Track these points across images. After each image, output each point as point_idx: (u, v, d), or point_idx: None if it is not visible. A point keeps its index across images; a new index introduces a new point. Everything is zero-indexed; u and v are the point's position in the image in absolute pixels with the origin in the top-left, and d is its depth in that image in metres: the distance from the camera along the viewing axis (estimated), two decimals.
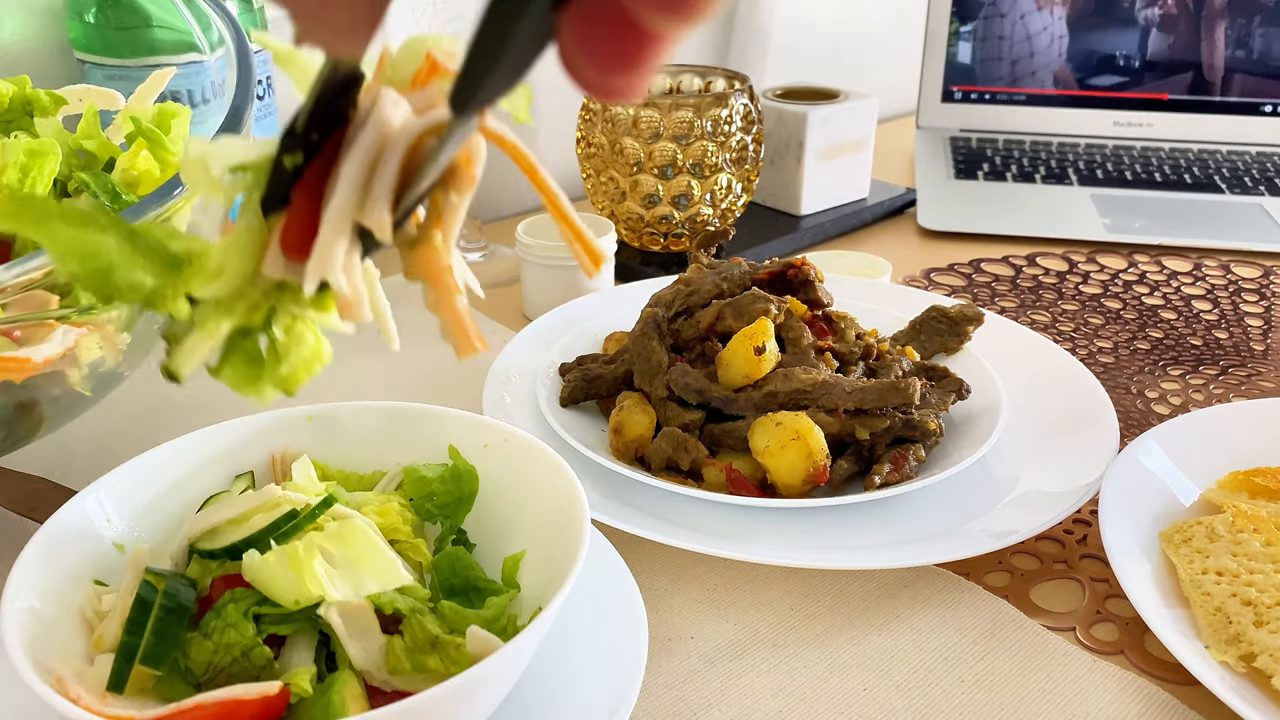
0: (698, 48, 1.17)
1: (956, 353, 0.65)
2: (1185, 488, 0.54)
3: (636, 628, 0.43)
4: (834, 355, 0.60)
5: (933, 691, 0.45)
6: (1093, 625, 0.49)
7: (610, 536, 0.50)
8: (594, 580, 0.46)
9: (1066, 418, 0.60)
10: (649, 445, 0.57)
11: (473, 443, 0.46)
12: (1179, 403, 0.68)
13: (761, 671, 0.46)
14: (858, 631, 0.48)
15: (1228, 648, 0.43)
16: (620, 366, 0.61)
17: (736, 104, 0.82)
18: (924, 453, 0.56)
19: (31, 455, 0.60)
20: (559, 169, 1.09)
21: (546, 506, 0.43)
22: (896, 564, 0.49)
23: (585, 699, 0.40)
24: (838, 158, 0.97)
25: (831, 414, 0.54)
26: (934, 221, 0.97)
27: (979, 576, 0.52)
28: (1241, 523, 0.49)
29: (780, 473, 0.53)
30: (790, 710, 0.44)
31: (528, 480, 0.45)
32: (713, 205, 0.84)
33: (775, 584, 0.51)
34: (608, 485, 0.55)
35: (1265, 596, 0.45)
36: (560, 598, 0.36)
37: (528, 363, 0.65)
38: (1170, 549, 0.49)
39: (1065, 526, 0.56)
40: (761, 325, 0.57)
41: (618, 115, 0.81)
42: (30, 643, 0.35)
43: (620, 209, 0.85)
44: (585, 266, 0.31)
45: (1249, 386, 0.70)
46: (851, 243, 0.96)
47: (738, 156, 0.83)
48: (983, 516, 0.53)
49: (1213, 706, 0.43)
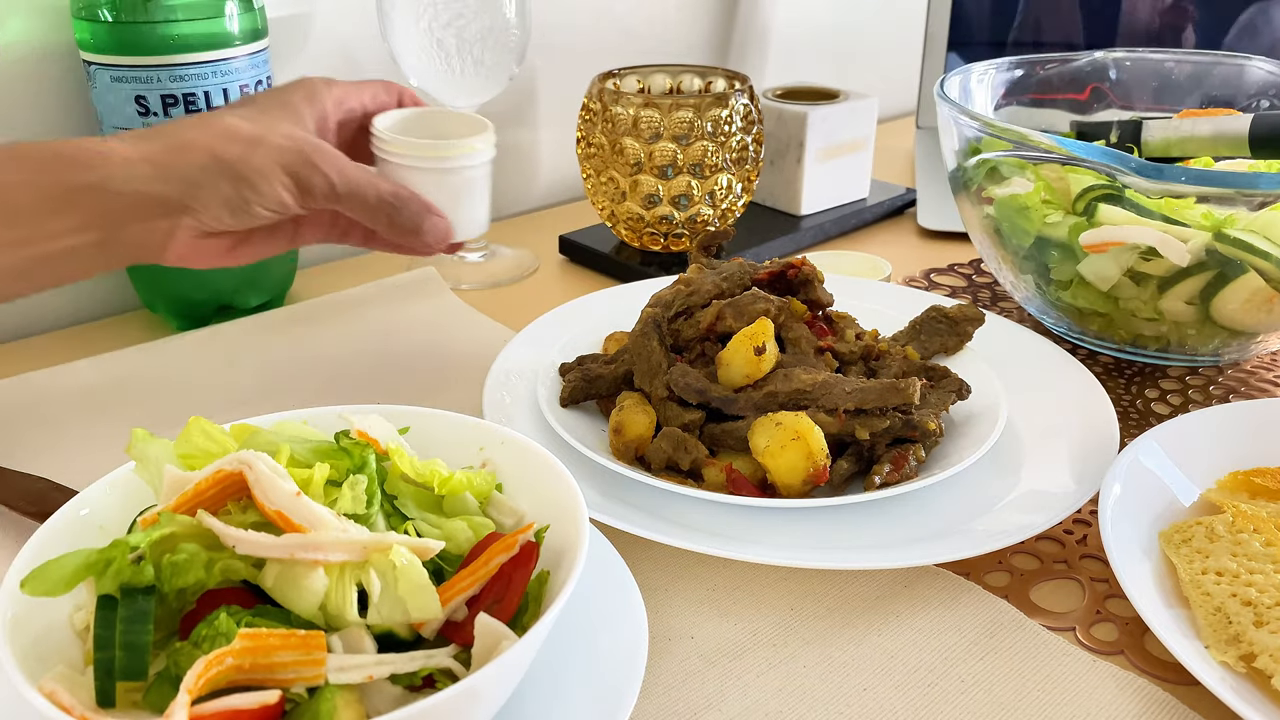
0: (698, 48, 1.17)
1: (956, 353, 0.65)
2: (1185, 488, 0.54)
3: (636, 627, 0.43)
4: (834, 355, 0.60)
5: (933, 691, 0.45)
6: (1093, 625, 0.49)
7: (610, 536, 0.50)
8: (594, 580, 0.46)
9: (1066, 418, 0.60)
10: (649, 445, 0.57)
11: (470, 445, 0.46)
12: (1179, 403, 0.68)
13: (761, 671, 0.46)
14: (858, 631, 0.48)
15: (1228, 648, 0.43)
16: (620, 366, 0.61)
17: (737, 104, 0.82)
18: (924, 453, 0.56)
19: (32, 455, 0.61)
20: (559, 169, 1.09)
21: (545, 510, 0.43)
22: (896, 564, 0.49)
23: (585, 699, 0.40)
24: (838, 158, 0.97)
25: (831, 414, 0.55)
26: (934, 221, 0.97)
27: (979, 576, 0.52)
28: (1242, 523, 0.49)
29: (780, 473, 0.53)
30: (790, 710, 0.44)
31: (526, 484, 0.45)
32: (713, 205, 0.84)
33: (775, 584, 0.51)
34: (608, 485, 0.55)
35: (1265, 597, 0.45)
36: (561, 601, 0.36)
37: (528, 363, 0.65)
38: (1170, 549, 0.49)
39: (1065, 526, 0.56)
40: (762, 325, 0.57)
41: (618, 115, 0.81)
42: (23, 650, 0.35)
43: (620, 209, 0.85)
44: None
45: (1249, 387, 0.70)
46: (852, 243, 0.96)
47: (738, 156, 0.83)
48: (983, 516, 0.53)
49: (1212, 707, 0.43)
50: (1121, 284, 0.65)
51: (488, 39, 0.78)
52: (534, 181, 1.08)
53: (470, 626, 0.37)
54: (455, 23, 0.77)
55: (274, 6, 0.84)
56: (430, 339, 0.76)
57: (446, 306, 0.81)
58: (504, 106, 1.02)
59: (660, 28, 1.12)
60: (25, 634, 0.36)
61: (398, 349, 0.74)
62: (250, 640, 0.34)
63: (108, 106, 0.71)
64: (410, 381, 0.70)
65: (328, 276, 0.88)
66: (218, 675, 0.33)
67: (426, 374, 0.71)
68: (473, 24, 0.77)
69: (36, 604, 0.37)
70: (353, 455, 0.42)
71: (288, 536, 0.36)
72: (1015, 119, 0.85)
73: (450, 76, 0.79)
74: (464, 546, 0.41)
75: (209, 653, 0.34)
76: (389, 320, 0.78)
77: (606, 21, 1.07)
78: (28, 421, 0.64)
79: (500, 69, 0.80)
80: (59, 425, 0.64)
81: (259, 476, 0.37)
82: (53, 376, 0.68)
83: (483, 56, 0.79)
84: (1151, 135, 0.77)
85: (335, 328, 0.77)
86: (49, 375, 0.68)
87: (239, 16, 0.71)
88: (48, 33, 0.75)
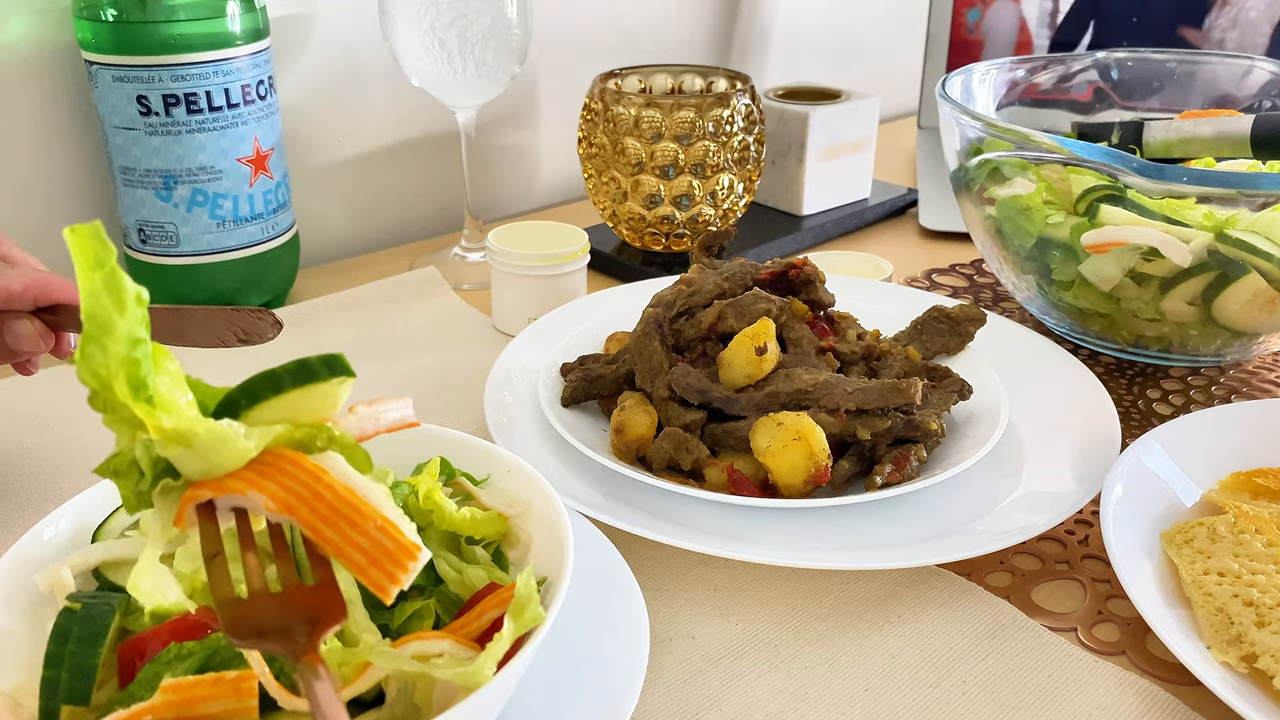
0: (699, 48, 1.17)
1: (958, 353, 0.65)
2: (1187, 488, 0.54)
3: (637, 627, 0.43)
4: (835, 355, 0.60)
5: (934, 692, 0.45)
6: (1094, 626, 0.49)
7: (611, 536, 0.50)
8: (595, 580, 0.46)
9: (1068, 418, 0.60)
10: (650, 445, 0.57)
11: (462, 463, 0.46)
12: (1181, 403, 0.68)
13: (763, 672, 0.46)
14: (859, 632, 0.48)
15: (1229, 648, 0.43)
16: (622, 367, 0.61)
17: (738, 104, 0.82)
18: (925, 453, 0.56)
19: (34, 453, 0.61)
20: (560, 170, 1.09)
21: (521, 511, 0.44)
22: (898, 564, 0.49)
23: (586, 699, 0.40)
24: (839, 158, 0.97)
25: (833, 414, 0.54)
26: (936, 222, 0.97)
27: (980, 577, 0.52)
28: (1243, 523, 0.49)
29: (782, 473, 0.53)
30: (791, 710, 0.44)
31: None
32: (714, 205, 0.84)
33: (777, 584, 0.51)
34: (609, 485, 0.55)
35: (1267, 597, 0.45)
36: (545, 627, 0.36)
37: (529, 363, 0.65)
38: (1172, 550, 0.49)
39: (1067, 527, 0.56)
40: (763, 325, 0.57)
41: (620, 115, 0.81)
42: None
43: (622, 209, 0.85)
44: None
45: (1251, 387, 0.70)
46: (853, 243, 0.96)
47: (739, 156, 0.83)
48: (984, 517, 0.53)
49: (1214, 707, 0.43)
50: (1123, 284, 0.65)
51: (489, 39, 0.78)
52: (535, 181, 1.08)
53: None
54: (457, 23, 0.77)
55: (275, 6, 0.84)
56: (431, 339, 0.76)
57: (448, 306, 0.81)
58: (505, 106, 1.02)
59: (661, 28, 1.12)
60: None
61: (399, 349, 0.74)
62: (173, 694, 0.33)
63: (109, 106, 0.71)
64: (411, 381, 0.70)
65: (329, 276, 0.88)
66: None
67: (427, 374, 0.71)
68: (474, 24, 0.77)
69: (18, 614, 0.37)
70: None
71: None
72: (1017, 119, 0.85)
73: (452, 76, 0.79)
74: (469, 592, 0.41)
75: (128, 706, 0.33)
76: (390, 320, 0.79)
77: (608, 21, 1.07)
78: (29, 421, 0.64)
79: (502, 69, 0.80)
80: (60, 424, 0.64)
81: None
82: (54, 375, 0.68)
83: (484, 56, 0.79)
84: (1153, 136, 0.77)
85: (336, 328, 0.77)
86: (50, 375, 0.69)
87: (240, 16, 0.71)
88: (49, 32, 0.75)
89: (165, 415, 0.31)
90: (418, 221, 1.00)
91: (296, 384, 0.34)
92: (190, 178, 0.73)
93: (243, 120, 0.73)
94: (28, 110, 0.76)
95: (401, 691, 0.36)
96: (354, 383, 0.35)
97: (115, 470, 0.34)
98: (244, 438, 0.33)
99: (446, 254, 0.90)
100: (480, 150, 1.00)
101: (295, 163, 0.90)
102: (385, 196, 0.98)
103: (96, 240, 0.29)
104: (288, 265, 0.81)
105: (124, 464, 0.34)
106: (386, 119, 0.95)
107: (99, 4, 0.68)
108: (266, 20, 0.74)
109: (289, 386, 0.34)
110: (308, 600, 0.33)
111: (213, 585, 0.33)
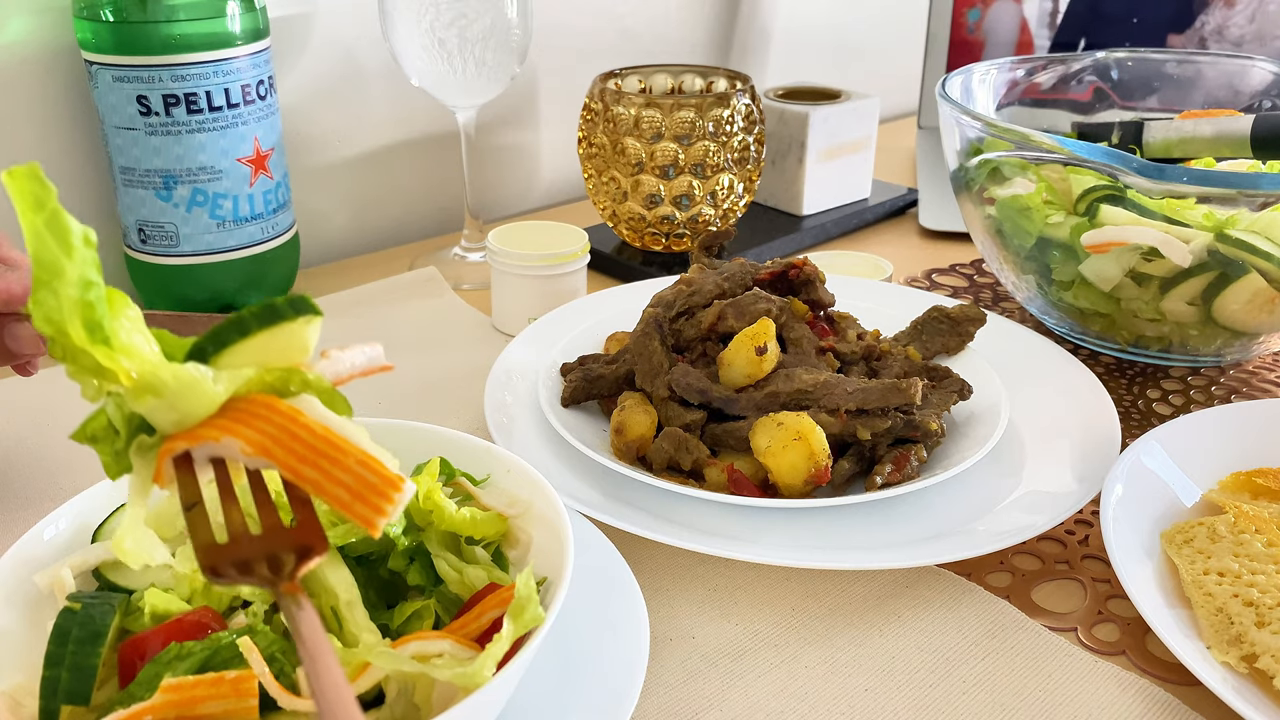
0: (699, 48, 1.17)
1: (958, 353, 0.65)
2: (1187, 488, 0.54)
3: (637, 627, 0.43)
4: (835, 355, 0.60)
5: (934, 692, 0.45)
6: (1094, 626, 0.49)
7: (611, 536, 0.50)
8: (595, 580, 0.46)
9: (1068, 418, 0.60)
10: (650, 445, 0.57)
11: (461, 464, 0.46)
12: (1181, 403, 0.68)
13: (763, 672, 0.46)
14: (859, 632, 0.48)
15: (1229, 648, 0.43)
16: (622, 367, 0.61)
17: (738, 104, 0.82)
18: (925, 453, 0.56)
19: (34, 454, 0.61)
20: (560, 169, 1.09)
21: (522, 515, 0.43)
22: (898, 564, 0.49)
23: (586, 698, 0.40)
24: (839, 158, 0.97)
25: (833, 414, 0.54)
26: (936, 222, 0.97)
27: (980, 577, 0.52)
28: (1243, 523, 0.49)
29: (782, 473, 0.53)
30: (791, 710, 0.44)
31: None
32: (714, 205, 0.84)
33: (777, 584, 0.51)
34: (609, 485, 0.55)
35: (1267, 597, 0.45)
36: (545, 627, 0.36)
37: (529, 363, 0.65)
38: (1172, 549, 0.49)
39: (1067, 527, 0.56)
40: (763, 325, 0.57)
41: (620, 115, 0.81)
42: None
43: (622, 209, 0.85)
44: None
45: (1251, 387, 0.70)
46: (853, 243, 0.96)
47: (739, 156, 0.83)
48: (984, 517, 0.53)
49: (1214, 707, 0.43)
50: (1123, 284, 0.65)
51: (489, 39, 0.78)
52: (535, 181, 1.08)
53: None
54: (457, 23, 0.77)
55: (275, 6, 0.84)
56: (431, 339, 0.76)
57: (448, 306, 0.81)
58: (505, 106, 1.02)
59: (661, 28, 1.12)
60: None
61: (399, 349, 0.74)
62: (174, 694, 0.32)
63: (109, 106, 0.71)
64: (411, 381, 0.70)
65: (329, 276, 0.88)
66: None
67: (427, 374, 0.71)
68: (474, 24, 0.77)
69: (19, 613, 0.37)
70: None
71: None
72: (1017, 119, 0.85)
73: (452, 76, 0.79)
74: (469, 593, 0.41)
75: (128, 706, 0.32)
76: (390, 320, 0.79)
77: (608, 22, 1.07)
78: (29, 421, 0.64)
79: (502, 69, 0.80)
80: (60, 424, 0.64)
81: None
82: (54, 376, 0.68)
83: (484, 56, 0.79)
84: (1153, 136, 0.77)
85: (336, 327, 0.77)
86: (51, 375, 0.68)
87: (240, 16, 0.71)
88: (49, 32, 0.75)
89: (126, 359, 0.31)
90: (418, 221, 1.00)
91: (262, 325, 0.33)
92: (190, 178, 0.73)
93: (243, 120, 0.73)
94: (28, 110, 0.76)
95: (401, 692, 0.36)
96: (321, 321, 0.34)
97: (93, 435, 0.33)
98: (213, 381, 0.32)
99: (446, 254, 0.90)
100: (480, 150, 1.00)
101: (295, 163, 0.90)
102: (385, 196, 0.98)
103: (35, 181, 0.28)
104: (288, 265, 0.81)
105: (100, 427, 0.33)
106: (386, 119, 0.95)
107: (99, 4, 0.68)
108: (266, 20, 0.74)
109: (255, 329, 0.33)
110: (289, 536, 0.33)
111: (191, 532, 0.32)
